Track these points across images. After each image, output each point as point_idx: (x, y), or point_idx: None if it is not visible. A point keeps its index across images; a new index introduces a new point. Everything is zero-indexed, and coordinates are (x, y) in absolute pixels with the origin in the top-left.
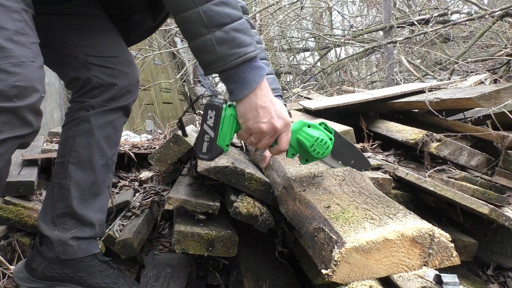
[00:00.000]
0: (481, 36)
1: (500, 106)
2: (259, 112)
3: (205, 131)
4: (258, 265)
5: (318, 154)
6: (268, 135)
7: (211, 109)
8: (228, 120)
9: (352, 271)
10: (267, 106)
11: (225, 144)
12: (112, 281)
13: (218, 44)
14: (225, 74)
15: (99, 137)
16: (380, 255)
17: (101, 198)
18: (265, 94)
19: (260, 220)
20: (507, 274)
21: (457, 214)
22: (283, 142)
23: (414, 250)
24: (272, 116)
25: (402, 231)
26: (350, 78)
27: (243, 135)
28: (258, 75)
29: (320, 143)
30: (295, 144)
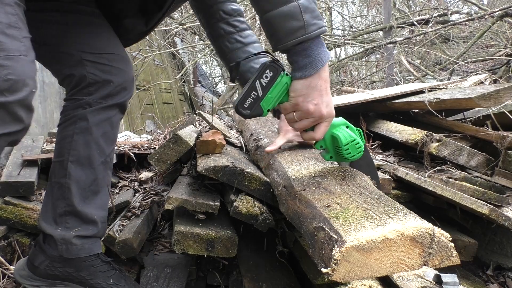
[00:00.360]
0: (481, 36)
1: (499, 106)
2: (314, 93)
3: (255, 87)
4: (258, 265)
5: (349, 155)
6: (311, 118)
7: (269, 69)
8: (281, 87)
9: (352, 270)
10: (323, 91)
11: (267, 109)
12: (114, 282)
13: (304, 11)
14: (302, 46)
15: (97, 134)
16: (380, 254)
17: (101, 196)
18: (326, 80)
19: (260, 219)
20: (507, 274)
21: (457, 214)
22: (320, 131)
23: (414, 250)
24: (323, 101)
25: (402, 231)
26: (350, 78)
27: (287, 108)
28: (326, 53)
29: (355, 145)
30: (328, 138)
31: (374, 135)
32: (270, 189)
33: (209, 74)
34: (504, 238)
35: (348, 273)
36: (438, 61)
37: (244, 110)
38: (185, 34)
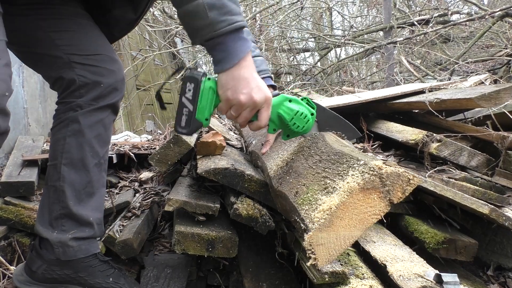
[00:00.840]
0: (481, 36)
1: (500, 107)
2: (240, 83)
3: (183, 104)
4: (258, 266)
5: (298, 128)
6: (247, 107)
7: (189, 82)
8: (207, 93)
9: (329, 249)
10: (248, 78)
11: (204, 118)
12: (113, 281)
13: (209, 9)
14: (213, 42)
15: (90, 136)
16: (343, 220)
17: (96, 198)
18: (249, 67)
19: (260, 222)
20: (507, 274)
21: (457, 214)
22: (262, 117)
23: (371, 196)
24: (252, 88)
25: (349, 188)
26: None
27: (222, 107)
28: (245, 46)
29: (300, 116)
30: (276, 119)
31: (375, 135)
32: (269, 191)
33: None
34: (505, 238)
35: (328, 253)
36: (438, 61)
37: (183, 129)
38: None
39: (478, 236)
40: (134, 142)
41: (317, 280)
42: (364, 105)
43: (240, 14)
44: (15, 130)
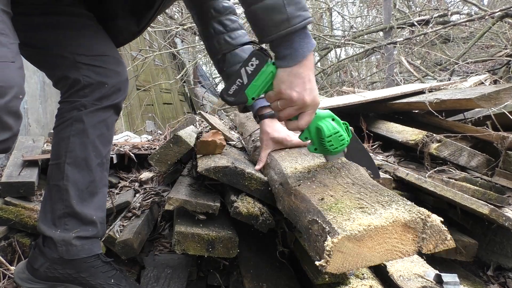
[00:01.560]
0: (481, 37)
1: (500, 107)
2: (296, 81)
3: (240, 75)
4: (258, 266)
5: (332, 147)
6: (295, 105)
7: (256, 57)
8: (266, 76)
9: (345, 260)
10: (305, 78)
11: (251, 97)
12: (115, 283)
13: (288, 4)
14: (284, 38)
15: (93, 136)
16: (373, 242)
17: (99, 197)
18: (310, 68)
19: (260, 220)
20: (507, 274)
21: (457, 215)
22: (304, 120)
23: (407, 236)
24: (306, 89)
25: (394, 217)
26: (350, 79)
27: (271, 96)
28: (311, 44)
29: (338, 137)
30: (313, 130)
31: (375, 135)
32: (269, 189)
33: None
34: (505, 238)
35: (342, 263)
36: (438, 62)
37: (229, 97)
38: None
39: (478, 236)
40: (134, 142)
41: (317, 280)
42: (364, 105)
43: (308, 9)
44: None
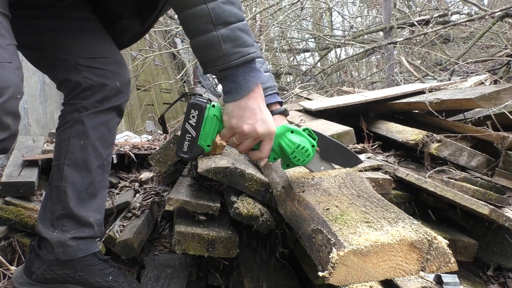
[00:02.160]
0: (481, 36)
1: (500, 107)
2: (246, 113)
3: (187, 130)
4: (258, 266)
5: (299, 161)
6: (250, 137)
7: (194, 109)
8: (211, 121)
9: (349, 274)
10: (255, 110)
11: (206, 145)
12: (113, 279)
13: (223, 41)
14: (225, 73)
15: (94, 138)
16: (378, 258)
17: (98, 199)
18: (257, 98)
19: (260, 220)
20: (507, 274)
21: (457, 215)
22: (264, 149)
23: (412, 255)
24: (257, 120)
25: (400, 236)
26: (350, 79)
27: (225, 134)
28: (256, 77)
29: (301, 150)
30: (277, 149)
31: (375, 135)
32: (270, 190)
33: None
34: (505, 238)
35: (345, 277)
36: (438, 62)
37: (185, 154)
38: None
39: (478, 237)
40: (134, 142)
41: (317, 281)
42: (364, 105)
43: (253, 45)
44: None
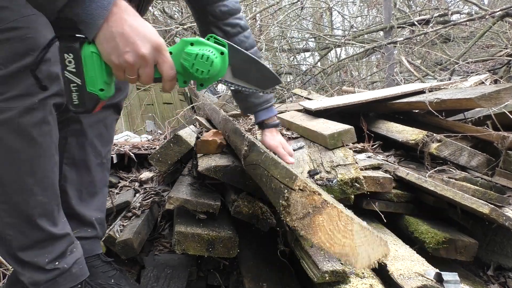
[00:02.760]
0: (482, 36)
1: (500, 107)
2: (118, 42)
3: (69, 80)
4: (259, 265)
5: (203, 73)
6: (140, 66)
7: (67, 52)
8: (91, 59)
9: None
10: (126, 32)
11: (99, 89)
12: (115, 282)
13: None
14: (68, 9)
15: (91, 136)
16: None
17: (99, 197)
18: (121, 18)
19: (261, 218)
20: (508, 274)
21: (457, 214)
22: (164, 70)
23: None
24: (135, 42)
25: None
26: (350, 79)
27: (116, 73)
28: (98, 3)
29: (200, 60)
30: (180, 69)
31: (375, 135)
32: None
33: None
34: (505, 238)
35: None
36: (438, 61)
37: (78, 107)
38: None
39: (478, 236)
40: (134, 142)
41: (318, 279)
42: (364, 105)
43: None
44: None
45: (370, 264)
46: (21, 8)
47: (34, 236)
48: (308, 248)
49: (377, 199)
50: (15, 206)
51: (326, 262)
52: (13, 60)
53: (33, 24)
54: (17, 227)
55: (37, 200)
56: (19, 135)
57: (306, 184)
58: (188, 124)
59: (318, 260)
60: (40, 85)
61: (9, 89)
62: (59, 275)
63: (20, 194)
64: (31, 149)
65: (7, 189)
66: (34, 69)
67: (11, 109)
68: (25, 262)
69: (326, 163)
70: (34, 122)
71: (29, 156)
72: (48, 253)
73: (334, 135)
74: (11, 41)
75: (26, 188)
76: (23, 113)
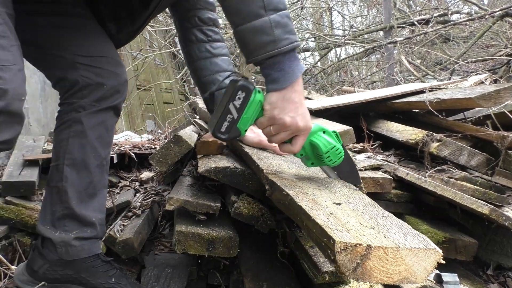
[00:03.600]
0: (481, 36)
1: (500, 106)
2: (289, 105)
3: (229, 111)
4: (259, 265)
5: (331, 161)
6: (288, 130)
7: (242, 90)
8: (255, 106)
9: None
10: (298, 103)
11: (244, 129)
12: (115, 281)
13: (275, 26)
14: (273, 60)
15: (92, 137)
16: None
17: (98, 198)
18: (300, 92)
19: (261, 220)
20: (507, 274)
21: (457, 214)
22: (297, 143)
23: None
24: (299, 114)
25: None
26: (350, 78)
27: (263, 122)
28: (300, 66)
29: (335, 151)
30: (307, 146)
31: (375, 135)
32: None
33: None
34: (505, 238)
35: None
36: (438, 61)
37: (222, 134)
38: None
39: (478, 236)
40: (135, 142)
41: (318, 280)
42: (364, 105)
43: (296, 34)
44: None
45: (429, 273)
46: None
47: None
48: (308, 249)
49: (377, 199)
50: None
51: (326, 263)
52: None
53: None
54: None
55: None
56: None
57: (346, 243)
58: (187, 124)
59: (318, 260)
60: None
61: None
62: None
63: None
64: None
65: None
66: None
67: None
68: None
69: None
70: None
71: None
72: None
73: None
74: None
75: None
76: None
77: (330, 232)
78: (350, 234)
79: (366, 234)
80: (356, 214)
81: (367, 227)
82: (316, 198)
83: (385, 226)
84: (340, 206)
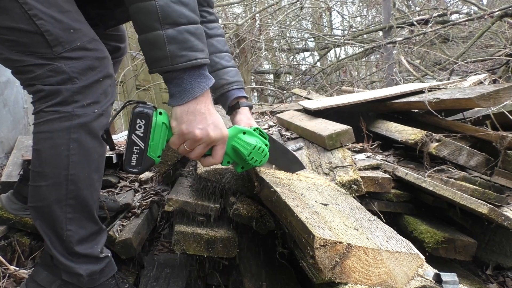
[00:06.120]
0: (480, 36)
1: (499, 106)
2: (196, 117)
3: (134, 142)
4: (258, 265)
5: (256, 162)
6: (202, 143)
7: (139, 118)
8: (160, 129)
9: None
10: (205, 113)
11: (157, 156)
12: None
13: (168, 42)
14: (170, 75)
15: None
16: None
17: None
18: (207, 102)
19: (260, 221)
20: (506, 274)
21: (457, 214)
22: (217, 154)
23: None
24: (209, 124)
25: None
26: (349, 78)
27: (175, 141)
28: (203, 84)
29: (258, 151)
30: (230, 152)
31: (374, 135)
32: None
33: None
34: (504, 237)
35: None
36: (437, 61)
37: (134, 168)
38: None
39: (477, 236)
40: None
41: (317, 280)
42: (363, 105)
43: (203, 51)
44: (15, 130)
45: (410, 278)
46: (90, 32)
47: (91, 229)
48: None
49: (376, 199)
50: (82, 201)
51: None
52: (88, 74)
53: (101, 46)
54: (79, 221)
55: (97, 194)
56: (93, 136)
57: (325, 239)
58: None
59: None
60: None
61: (84, 97)
62: (107, 264)
63: (88, 189)
64: (100, 148)
65: (80, 185)
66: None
67: (87, 114)
68: (82, 256)
69: (324, 164)
70: (102, 125)
71: (98, 155)
72: (98, 244)
73: (333, 136)
74: (85, 59)
75: (92, 183)
76: (95, 118)
77: (311, 228)
78: (332, 232)
79: (349, 234)
80: (342, 215)
81: (351, 227)
82: (303, 197)
83: (369, 229)
84: (326, 207)
